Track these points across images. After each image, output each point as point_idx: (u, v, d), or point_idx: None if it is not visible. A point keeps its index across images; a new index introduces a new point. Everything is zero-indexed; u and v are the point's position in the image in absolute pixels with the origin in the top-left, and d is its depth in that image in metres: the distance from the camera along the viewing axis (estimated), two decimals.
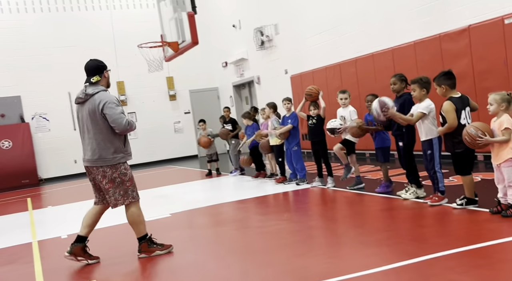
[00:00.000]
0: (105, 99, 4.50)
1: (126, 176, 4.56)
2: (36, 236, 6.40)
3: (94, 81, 4.61)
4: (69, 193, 11.58)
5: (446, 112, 4.75)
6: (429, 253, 3.64)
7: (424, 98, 5.15)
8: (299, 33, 12.14)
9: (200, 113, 16.72)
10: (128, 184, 4.58)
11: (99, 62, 4.79)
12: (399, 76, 5.70)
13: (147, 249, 4.64)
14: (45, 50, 15.26)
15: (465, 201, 4.80)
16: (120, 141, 4.56)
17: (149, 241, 4.68)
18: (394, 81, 5.66)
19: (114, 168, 4.49)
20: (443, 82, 4.86)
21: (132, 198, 4.61)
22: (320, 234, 4.91)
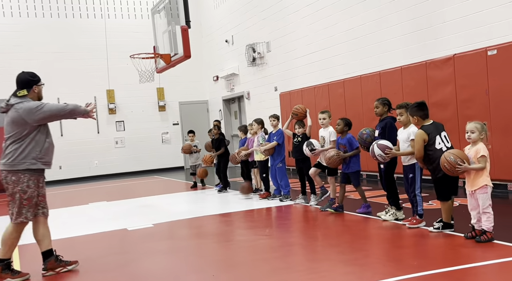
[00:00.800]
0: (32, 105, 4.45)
1: (25, 194, 4.43)
2: None
3: (19, 95, 4.52)
4: (52, 199, 11.43)
5: (415, 142, 4.98)
6: (404, 274, 3.76)
7: (409, 123, 5.32)
8: (290, 51, 12.37)
9: (189, 125, 16.78)
10: (25, 203, 4.44)
11: (31, 76, 4.67)
12: (382, 100, 5.90)
13: (3, 275, 4.43)
14: (38, 54, 15.26)
15: (441, 225, 4.95)
16: (37, 148, 4.47)
17: (4, 265, 4.46)
18: (377, 104, 5.87)
19: (17, 182, 4.39)
20: (415, 113, 5.05)
21: (24, 218, 4.46)
22: (300, 251, 5.00)
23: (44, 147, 4.54)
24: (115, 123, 16.45)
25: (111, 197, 10.42)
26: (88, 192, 12.25)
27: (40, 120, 4.45)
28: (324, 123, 6.86)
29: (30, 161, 4.42)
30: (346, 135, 6.44)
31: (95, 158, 16.11)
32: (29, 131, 4.43)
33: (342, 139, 6.47)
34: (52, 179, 15.36)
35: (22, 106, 4.40)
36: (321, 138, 6.90)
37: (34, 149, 4.45)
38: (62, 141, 15.65)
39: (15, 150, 4.39)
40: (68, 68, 15.66)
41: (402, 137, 5.37)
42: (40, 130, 4.52)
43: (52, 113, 4.49)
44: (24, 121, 4.39)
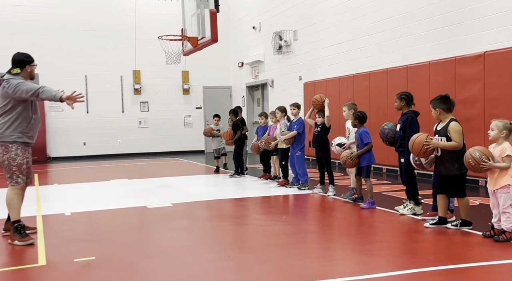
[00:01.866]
0: (14, 82, 4.75)
1: (15, 161, 4.79)
2: (40, 211, 6.58)
3: (13, 73, 4.87)
4: (76, 173, 11.80)
5: (454, 132, 4.81)
6: (418, 267, 3.77)
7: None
8: (317, 41, 12.29)
9: (212, 109, 16.90)
10: (14, 169, 4.80)
11: (24, 56, 4.99)
12: (400, 94, 5.90)
13: (12, 235, 4.81)
14: (69, 32, 15.53)
15: (459, 222, 4.92)
16: (24, 123, 4.81)
17: (15, 229, 4.80)
18: (395, 99, 5.92)
19: (6, 150, 4.76)
20: (438, 105, 4.97)
21: (15, 183, 4.83)
22: (316, 239, 5.04)
23: (30, 123, 4.89)
24: (139, 104, 16.67)
25: (132, 175, 10.63)
26: (110, 169, 12.51)
27: (19, 97, 4.75)
28: (345, 115, 6.89)
29: (17, 135, 4.79)
30: (360, 129, 6.42)
31: (118, 137, 16.39)
32: (14, 105, 4.77)
33: (356, 133, 6.46)
34: (76, 155, 15.74)
35: (10, 82, 4.76)
36: (347, 129, 6.93)
37: (22, 124, 4.81)
38: (88, 118, 15.98)
39: (4, 123, 4.76)
40: (97, 47, 15.89)
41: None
42: (27, 107, 4.85)
43: (27, 93, 4.75)
44: (8, 95, 4.77)
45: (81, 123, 15.82)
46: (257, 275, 3.73)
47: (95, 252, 4.44)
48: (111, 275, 3.78)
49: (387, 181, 8.58)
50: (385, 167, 9.66)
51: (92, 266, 4.02)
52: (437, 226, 5.01)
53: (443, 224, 5.00)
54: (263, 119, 9.48)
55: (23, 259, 4.28)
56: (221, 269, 3.92)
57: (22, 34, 15.01)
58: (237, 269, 3.94)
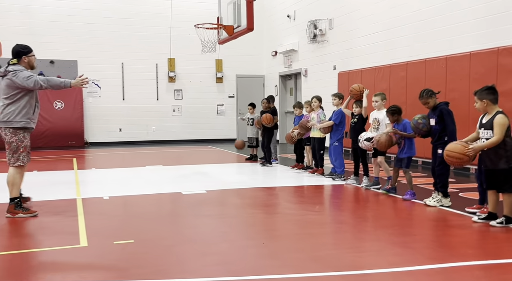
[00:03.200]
0: (17, 71, 5.29)
1: (22, 143, 5.35)
2: (80, 194, 6.81)
3: (11, 63, 5.37)
4: (112, 158, 12.12)
5: (497, 125, 4.64)
6: (456, 261, 3.72)
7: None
8: (353, 30, 12.11)
9: (244, 98, 16.98)
10: (21, 150, 5.35)
11: (21, 48, 5.43)
12: (423, 92, 5.84)
13: (13, 210, 5.32)
14: (105, 19, 15.84)
15: (504, 219, 4.72)
16: (31, 110, 5.39)
17: (16, 204, 5.33)
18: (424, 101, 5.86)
19: (14, 134, 5.30)
20: (485, 97, 4.79)
21: (22, 163, 5.37)
22: (349, 229, 5.03)
23: (35, 110, 5.48)
24: (173, 91, 16.90)
25: (167, 162, 10.83)
26: (145, 155, 12.78)
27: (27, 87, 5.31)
28: (377, 106, 6.81)
29: (26, 121, 5.35)
30: (402, 121, 6.34)
31: (153, 124, 16.70)
32: (22, 95, 5.33)
33: (399, 125, 6.37)
34: (112, 140, 16.14)
35: (17, 74, 5.27)
36: (375, 120, 6.84)
37: (29, 111, 5.37)
38: (123, 105, 16.33)
39: (13, 111, 5.28)
40: (133, 35, 16.16)
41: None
42: (33, 96, 5.44)
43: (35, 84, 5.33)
44: (16, 85, 5.28)
45: (117, 110, 16.18)
46: (292, 263, 3.76)
47: (133, 235, 4.57)
48: (149, 258, 3.89)
49: (422, 174, 8.44)
50: (420, 159, 9.49)
51: (131, 249, 4.14)
52: (485, 221, 4.85)
53: (493, 220, 4.82)
54: (297, 110, 9.46)
55: (65, 240, 4.45)
56: (256, 255, 3.98)
57: (59, 22, 15.41)
58: (272, 256, 3.98)
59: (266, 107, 10.12)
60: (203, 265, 3.72)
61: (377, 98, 6.83)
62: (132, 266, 3.71)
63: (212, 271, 3.57)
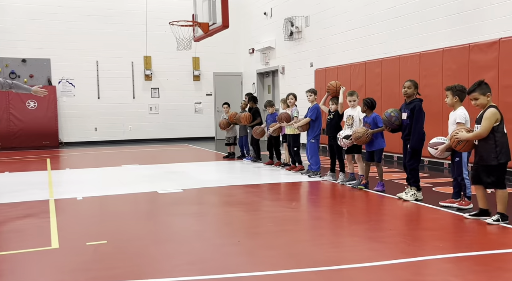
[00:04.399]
0: None
1: None
2: (53, 195, 6.66)
3: None
4: (87, 158, 11.92)
5: (485, 119, 4.57)
6: (428, 255, 3.77)
7: (457, 105, 5.20)
8: (329, 27, 12.17)
9: (222, 96, 16.91)
10: None
11: None
12: (414, 81, 5.84)
13: None
14: (79, 17, 15.56)
15: (500, 217, 4.59)
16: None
17: None
18: (410, 85, 5.81)
19: None
20: (488, 90, 4.64)
21: None
22: (325, 225, 5.05)
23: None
24: (150, 90, 16.71)
25: (143, 161, 10.71)
26: (121, 154, 12.61)
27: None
28: (353, 105, 6.92)
29: None
30: (371, 114, 6.43)
31: (129, 123, 16.49)
32: None
33: (368, 118, 6.45)
34: (87, 140, 15.89)
35: None
36: (349, 117, 6.92)
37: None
38: (99, 104, 16.08)
39: None
40: (108, 32, 15.91)
41: (450, 120, 5.24)
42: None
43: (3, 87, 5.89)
44: None
45: (92, 109, 15.93)
46: (267, 260, 3.75)
47: (106, 236, 4.49)
48: (123, 259, 3.83)
49: (397, 169, 8.55)
50: (396, 155, 9.61)
51: (104, 250, 4.07)
52: (477, 217, 4.77)
53: (484, 216, 4.74)
54: (270, 109, 9.47)
55: (36, 242, 4.34)
56: (231, 253, 3.95)
57: (32, 19, 15.07)
58: (246, 254, 3.96)
59: (244, 107, 10.23)
60: (176, 264, 3.68)
61: (354, 97, 6.89)
62: (104, 267, 3.64)
63: (185, 270, 3.53)
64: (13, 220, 5.22)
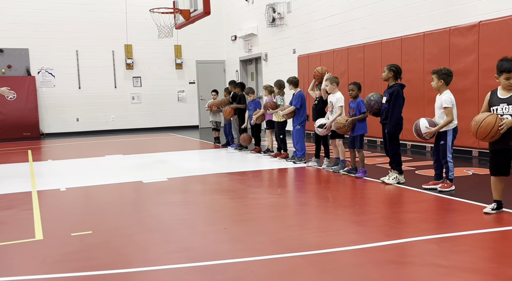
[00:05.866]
0: None
1: None
2: (35, 187, 6.58)
3: None
4: (69, 149, 11.77)
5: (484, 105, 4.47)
6: (411, 236, 3.84)
7: (443, 89, 5.25)
8: (311, 13, 12.13)
9: (205, 84, 16.81)
10: None
11: None
12: (390, 65, 5.89)
13: None
14: (58, 5, 15.23)
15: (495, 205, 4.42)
16: None
17: None
18: (384, 69, 5.89)
19: None
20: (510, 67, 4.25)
21: None
22: (311, 210, 5.09)
23: None
24: (132, 79, 16.52)
25: (127, 151, 10.62)
26: (105, 145, 12.48)
27: None
28: (328, 89, 6.92)
29: None
30: (357, 99, 6.45)
31: (111, 113, 16.31)
32: None
33: (353, 103, 6.48)
34: (69, 131, 15.68)
35: None
36: (329, 103, 6.95)
37: None
38: (80, 94, 15.85)
39: None
40: (87, 21, 15.62)
41: (436, 104, 5.30)
42: None
43: None
44: None
45: (73, 99, 15.69)
46: (253, 246, 3.77)
47: (91, 226, 4.46)
48: (108, 248, 3.81)
49: (381, 154, 8.63)
50: (379, 139, 9.70)
51: (89, 240, 4.04)
52: (498, 211, 4.39)
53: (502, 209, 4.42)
54: (251, 96, 9.44)
55: (19, 233, 4.29)
56: (217, 241, 3.96)
57: (8, 8, 14.71)
58: (233, 241, 3.98)
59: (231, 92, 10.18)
60: (164, 252, 3.68)
61: (327, 82, 6.93)
62: (90, 257, 3.62)
63: (172, 258, 3.53)
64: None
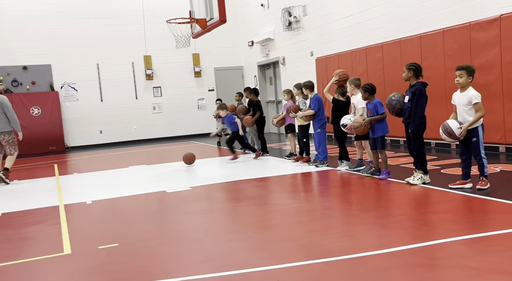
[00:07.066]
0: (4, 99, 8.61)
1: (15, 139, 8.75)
2: (62, 200, 6.69)
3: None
4: (94, 161, 11.96)
5: None
6: (440, 238, 3.75)
7: (468, 86, 5.15)
8: (327, 15, 12.07)
9: (224, 91, 16.88)
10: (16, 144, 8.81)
11: None
12: (409, 65, 5.79)
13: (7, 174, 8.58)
14: (77, 21, 15.55)
15: None
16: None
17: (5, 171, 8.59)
18: (404, 69, 5.80)
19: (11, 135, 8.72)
20: None
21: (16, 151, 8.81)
22: (335, 214, 5.04)
23: None
24: (152, 89, 16.71)
25: (150, 161, 10.73)
26: (128, 156, 12.64)
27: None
28: (349, 92, 6.91)
29: None
30: (373, 100, 6.36)
31: (133, 123, 16.52)
32: None
33: (370, 104, 6.40)
34: (93, 143, 15.94)
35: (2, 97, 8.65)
36: (352, 104, 6.92)
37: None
38: (102, 106, 16.12)
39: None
40: (107, 34, 15.90)
41: (462, 101, 5.18)
42: None
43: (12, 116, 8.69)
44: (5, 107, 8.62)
45: (96, 112, 15.97)
46: (279, 253, 3.75)
47: (118, 238, 4.51)
48: (134, 261, 3.84)
49: (404, 154, 8.50)
50: (401, 139, 9.55)
51: (115, 253, 4.08)
52: None
53: None
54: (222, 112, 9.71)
55: (48, 248, 4.37)
56: (242, 249, 3.95)
57: (30, 26, 15.08)
58: (258, 248, 3.96)
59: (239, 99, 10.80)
60: (188, 263, 3.68)
61: (347, 85, 6.89)
62: (117, 270, 3.65)
63: (197, 269, 3.53)
64: (24, 227, 5.26)
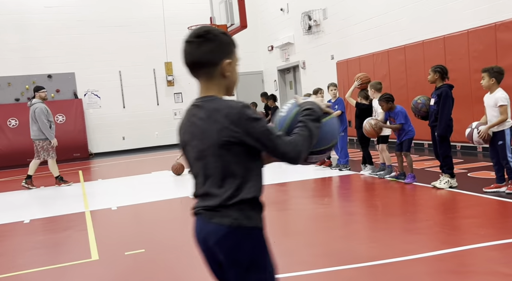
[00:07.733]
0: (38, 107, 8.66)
1: (50, 145, 8.76)
2: (88, 207, 6.79)
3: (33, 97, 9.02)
4: (118, 168, 12.11)
5: None
6: (470, 244, 3.67)
7: (494, 88, 5.07)
8: (347, 18, 12.01)
9: (244, 95, 16.91)
10: (51, 150, 8.80)
11: (36, 87, 8.95)
12: (434, 67, 5.73)
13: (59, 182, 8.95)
14: (100, 29, 15.80)
15: None
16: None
17: (60, 179, 8.99)
18: (429, 72, 5.74)
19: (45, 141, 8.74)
20: None
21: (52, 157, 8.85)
22: (360, 220, 4.99)
23: None
24: (173, 95, 16.86)
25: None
26: (151, 161, 12.76)
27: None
28: (370, 95, 6.92)
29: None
30: (395, 108, 6.31)
31: (155, 129, 16.68)
32: None
33: (392, 112, 6.35)
34: (116, 150, 16.13)
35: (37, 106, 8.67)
36: (374, 109, 6.89)
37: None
38: (125, 113, 16.32)
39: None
40: (128, 42, 16.11)
41: (489, 102, 5.10)
42: None
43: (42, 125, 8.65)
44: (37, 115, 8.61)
45: (118, 118, 16.17)
46: (305, 259, 3.72)
47: (144, 244, 4.54)
48: (160, 267, 3.86)
49: (429, 157, 8.37)
50: (426, 142, 9.41)
51: (142, 258, 4.12)
52: None
53: None
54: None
55: (77, 254, 4.43)
56: None
57: (54, 35, 15.39)
58: (284, 254, 3.93)
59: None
60: None
61: (368, 88, 6.90)
62: (144, 277, 3.68)
63: None
64: (51, 234, 5.34)
